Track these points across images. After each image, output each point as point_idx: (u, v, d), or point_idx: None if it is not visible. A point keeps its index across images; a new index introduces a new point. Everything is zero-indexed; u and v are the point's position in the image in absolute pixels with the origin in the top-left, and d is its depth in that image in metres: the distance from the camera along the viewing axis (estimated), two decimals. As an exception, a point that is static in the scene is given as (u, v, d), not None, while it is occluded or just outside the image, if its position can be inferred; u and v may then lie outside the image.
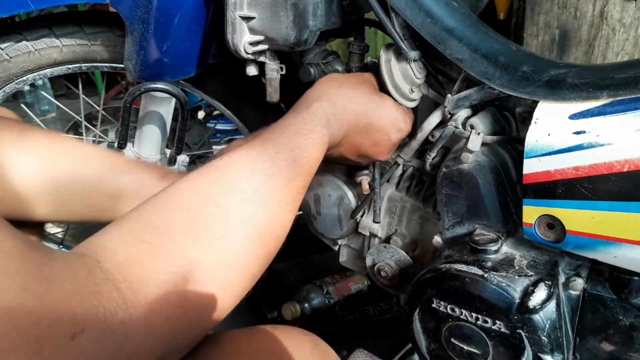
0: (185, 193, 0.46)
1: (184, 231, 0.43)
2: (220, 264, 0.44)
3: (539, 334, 0.58)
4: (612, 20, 1.12)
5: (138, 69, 0.79)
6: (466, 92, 0.67)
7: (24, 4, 0.73)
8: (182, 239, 0.42)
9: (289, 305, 1.20)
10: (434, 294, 0.64)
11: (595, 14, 1.13)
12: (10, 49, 0.83)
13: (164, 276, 0.39)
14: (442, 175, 0.68)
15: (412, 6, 0.65)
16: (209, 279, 0.43)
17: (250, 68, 0.77)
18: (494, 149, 0.67)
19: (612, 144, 0.52)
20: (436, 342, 0.67)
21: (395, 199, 0.80)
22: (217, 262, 0.44)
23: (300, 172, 0.52)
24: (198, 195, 0.46)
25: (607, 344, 0.60)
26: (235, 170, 0.49)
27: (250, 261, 0.47)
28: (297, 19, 0.68)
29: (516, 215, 0.66)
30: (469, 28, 0.66)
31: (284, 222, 0.51)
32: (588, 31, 1.15)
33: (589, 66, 0.63)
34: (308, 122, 0.56)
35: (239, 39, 0.71)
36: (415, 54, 0.69)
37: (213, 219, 0.45)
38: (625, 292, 0.57)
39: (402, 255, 0.78)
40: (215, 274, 0.43)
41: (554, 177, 0.56)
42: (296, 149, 0.53)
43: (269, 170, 0.50)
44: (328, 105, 0.60)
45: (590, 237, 0.56)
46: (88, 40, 0.86)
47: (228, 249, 0.45)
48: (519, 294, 0.59)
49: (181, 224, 0.43)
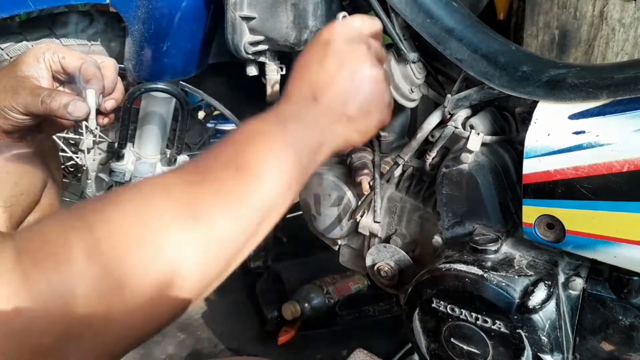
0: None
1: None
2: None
3: (538, 333, 0.58)
4: (611, 21, 1.12)
5: (138, 69, 0.79)
6: (466, 92, 0.67)
7: (24, 4, 0.73)
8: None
9: (289, 305, 1.20)
10: (434, 294, 0.64)
11: (595, 14, 1.13)
12: (10, 49, 0.83)
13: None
14: (441, 175, 0.68)
15: (412, 6, 0.66)
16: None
17: (250, 68, 0.77)
18: (494, 149, 0.67)
19: (612, 144, 0.52)
20: (436, 342, 0.67)
21: (395, 199, 0.80)
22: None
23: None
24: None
25: (606, 343, 0.60)
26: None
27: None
28: (297, 19, 0.68)
29: (516, 215, 0.66)
30: (469, 28, 0.66)
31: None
32: (588, 31, 1.15)
33: (588, 66, 0.63)
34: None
35: (239, 39, 0.71)
36: (415, 55, 0.69)
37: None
38: (625, 292, 0.57)
39: (402, 255, 0.78)
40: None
41: (554, 177, 0.56)
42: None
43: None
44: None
45: (590, 237, 0.56)
46: (88, 40, 0.86)
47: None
48: (519, 293, 0.59)
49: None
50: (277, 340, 1.18)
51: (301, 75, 0.58)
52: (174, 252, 0.41)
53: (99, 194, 1.24)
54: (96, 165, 1.22)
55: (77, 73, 0.64)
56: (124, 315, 0.39)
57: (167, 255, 0.41)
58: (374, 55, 0.57)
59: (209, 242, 0.43)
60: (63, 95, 0.61)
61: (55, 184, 0.80)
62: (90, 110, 0.62)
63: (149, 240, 0.40)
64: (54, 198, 0.79)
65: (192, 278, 0.42)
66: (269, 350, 1.19)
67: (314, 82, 0.56)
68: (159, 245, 0.41)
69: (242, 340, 1.24)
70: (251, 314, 1.30)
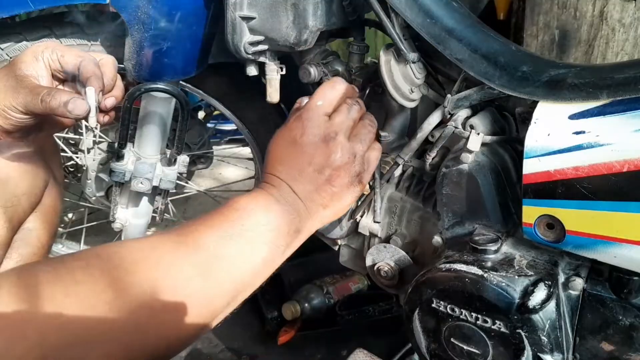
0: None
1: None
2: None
3: (538, 333, 0.58)
4: (611, 21, 1.12)
5: (138, 69, 0.79)
6: (466, 92, 0.67)
7: (24, 4, 0.73)
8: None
9: (289, 305, 1.20)
10: (434, 294, 0.64)
11: (595, 14, 1.13)
12: (10, 49, 0.83)
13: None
14: (442, 175, 0.68)
15: (412, 6, 0.66)
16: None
17: (250, 68, 0.77)
18: (494, 149, 0.67)
19: (612, 144, 0.52)
20: (436, 342, 0.67)
21: (395, 199, 0.80)
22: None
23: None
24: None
25: (606, 343, 0.60)
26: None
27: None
28: (297, 19, 0.68)
29: (516, 215, 0.66)
30: (469, 28, 0.66)
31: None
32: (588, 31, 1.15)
33: (588, 66, 0.63)
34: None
35: (239, 39, 0.71)
36: (415, 55, 0.69)
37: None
38: (625, 292, 0.57)
39: (402, 255, 0.78)
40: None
41: (554, 177, 0.56)
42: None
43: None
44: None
45: (590, 237, 0.56)
46: (88, 40, 0.86)
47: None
48: (519, 294, 0.59)
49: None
50: (277, 340, 1.18)
51: (276, 162, 0.63)
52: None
53: (98, 194, 1.24)
54: (96, 165, 1.23)
55: (76, 71, 0.64)
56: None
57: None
58: (345, 128, 0.63)
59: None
60: (63, 94, 0.60)
61: (56, 184, 0.80)
62: (90, 108, 0.61)
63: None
64: (56, 198, 0.79)
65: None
66: (269, 350, 1.19)
67: (288, 174, 0.61)
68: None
69: (242, 340, 1.24)
70: (251, 314, 1.30)
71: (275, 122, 1.10)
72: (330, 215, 0.64)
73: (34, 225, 0.75)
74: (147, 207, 1.01)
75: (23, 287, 0.40)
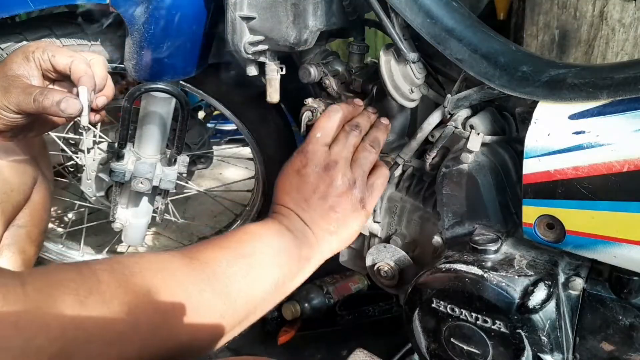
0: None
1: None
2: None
3: (538, 333, 0.58)
4: (611, 21, 1.12)
5: (138, 69, 0.79)
6: (466, 92, 0.67)
7: (24, 4, 0.73)
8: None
9: (289, 305, 1.20)
10: (434, 294, 0.64)
11: (595, 14, 1.13)
12: (10, 49, 0.82)
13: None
14: (442, 175, 0.68)
15: (412, 6, 0.65)
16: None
17: (250, 68, 0.77)
18: (494, 149, 0.67)
19: (612, 144, 0.52)
20: (436, 342, 0.67)
21: (395, 199, 0.80)
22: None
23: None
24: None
25: (606, 343, 0.60)
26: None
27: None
28: (297, 19, 0.68)
29: (516, 215, 0.66)
30: (469, 28, 0.66)
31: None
32: (588, 31, 1.15)
33: (588, 66, 0.63)
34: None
35: (239, 39, 0.71)
36: (415, 55, 0.69)
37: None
38: (625, 292, 0.57)
39: (402, 255, 0.78)
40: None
41: (554, 177, 0.56)
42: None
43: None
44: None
45: (590, 237, 0.56)
46: (88, 40, 0.86)
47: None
48: (519, 294, 0.59)
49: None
50: (277, 340, 1.18)
51: (283, 193, 0.67)
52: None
53: (98, 194, 1.24)
54: (96, 165, 1.22)
55: (67, 71, 0.65)
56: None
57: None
58: (344, 155, 0.67)
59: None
60: (55, 93, 0.61)
61: (45, 181, 0.80)
62: (82, 107, 0.62)
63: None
64: (45, 195, 0.80)
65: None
66: (269, 350, 1.19)
67: (295, 203, 0.66)
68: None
69: (242, 340, 1.24)
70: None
71: (275, 122, 1.10)
72: (339, 242, 0.68)
73: (24, 222, 0.76)
74: (147, 207, 1.01)
75: (48, 285, 0.41)
